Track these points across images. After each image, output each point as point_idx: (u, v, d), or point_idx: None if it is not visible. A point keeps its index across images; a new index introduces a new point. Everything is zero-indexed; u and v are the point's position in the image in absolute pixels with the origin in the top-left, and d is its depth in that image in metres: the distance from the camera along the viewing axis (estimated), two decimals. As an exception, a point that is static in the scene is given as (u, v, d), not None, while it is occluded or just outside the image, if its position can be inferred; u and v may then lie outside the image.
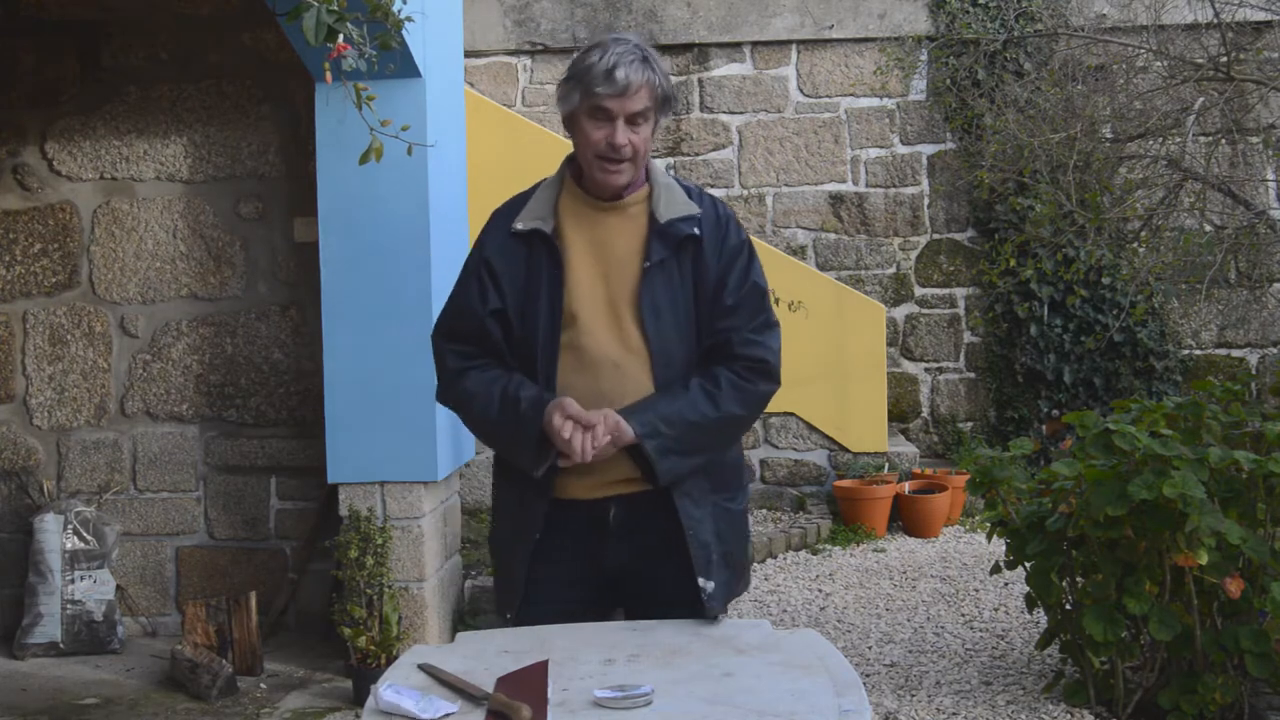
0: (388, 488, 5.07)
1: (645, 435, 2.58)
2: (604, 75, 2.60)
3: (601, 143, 2.64)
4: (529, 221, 2.72)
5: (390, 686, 2.20)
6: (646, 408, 2.62)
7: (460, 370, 2.75)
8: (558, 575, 2.76)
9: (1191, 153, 6.45)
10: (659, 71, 2.66)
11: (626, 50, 2.62)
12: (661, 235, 2.69)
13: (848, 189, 8.74)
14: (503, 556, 2.85)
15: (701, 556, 2.69)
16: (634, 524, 2.73)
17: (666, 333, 2.67)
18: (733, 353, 2.70)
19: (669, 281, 2.69)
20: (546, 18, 8.70)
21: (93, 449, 5.82)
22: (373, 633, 4.88)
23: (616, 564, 2.76)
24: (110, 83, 5.82)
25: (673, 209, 2.72)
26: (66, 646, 5.49)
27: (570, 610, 2.74)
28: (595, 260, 2.71)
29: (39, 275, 5.84)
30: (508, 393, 2.65)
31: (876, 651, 5.26)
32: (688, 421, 2.62)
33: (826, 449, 7.86)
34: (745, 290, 2.73)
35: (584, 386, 2.65)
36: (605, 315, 2.68)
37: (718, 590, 2.71)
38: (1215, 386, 4.80)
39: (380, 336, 4.98)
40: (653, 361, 2.67)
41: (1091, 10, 8.32)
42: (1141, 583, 4.07)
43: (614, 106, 2.62)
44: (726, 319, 2.71)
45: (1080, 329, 8.32)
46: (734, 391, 2.67)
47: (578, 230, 2.72)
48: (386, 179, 4.84)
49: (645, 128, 2.67)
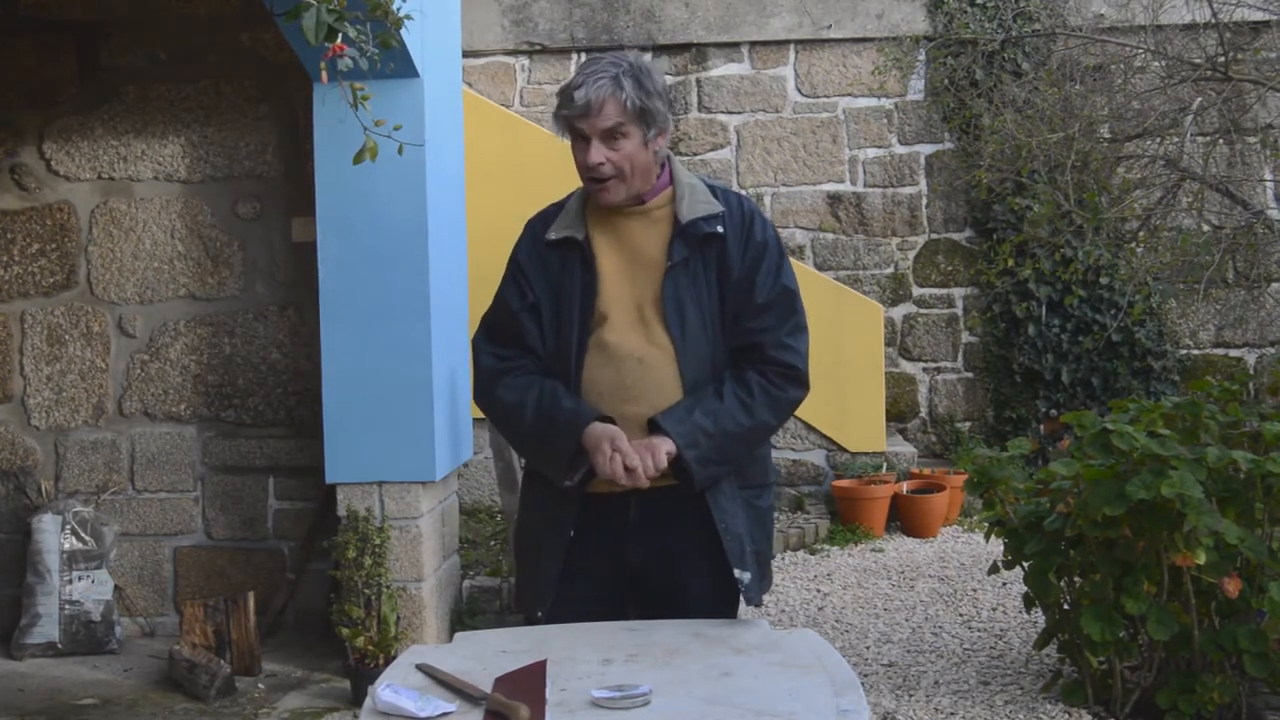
0: (386, 488, 5.07)
1: (685, 445, 2.64)
2: (568, 97, 2.69)
3: (582, 163, 2.73)
4: (561, 231, 2.81)
5: (388, 686, 2.20)
6: (684, 417, 2.66)
7: (494, 372, 2.82)
8: (584, 573, 2.78)
9: (1189, 153, 6.45)
10: (634, 87, 2.68)
11: (596, 70, 2.69)
12: (684, 235, 2.76)
13: (846, 189, 8.75)
14: (531, 553, 2.87)
15: (735, 548, 2.74)
16: (656, 521, 2.76)
17: (691, 329, 2.73)
18: (765, 356, 2.75)
19: (693, 280, 2.75)
20: (544, 18, 8.70)
21: (90, 449, 5.81)
22: (371, 633, 4.88)
23: (638, 562, 2.79)
24: (108, 82, 5.81)
25: (695, 208, 2.77)
26: (64, 647, 5.49)
27: (595, 609, 2.76)
28: (623, 263, 2.78)
29: (37, 275, 5.84)
30: (543, 404, 2.71)
31: (874, 651, 5.26)
32: (725, 432, 2.68)
33: (825, 449, 7.86)
34: (776, 291, 2.78)
35: (609, 380, 2.73)
36: (632, 314, 2.75)
37: (754, 581, 2.76)
38: (1213, 386, 4.80)
39: (378, 337, 4.98)
40: (678, 357, 2.72)
41: (1089, 10, 8.32)
42: (1139, 582, 4.07)
43: (584, 127, 2.69)
44: (757, 319, 2.76)
45: (1078, 329, 8.33)
46: (766, 399, 2.73)
47: (606, 236, 2.80)
48: (385, 179, 4.84)
49: (625, 143, 2.70)
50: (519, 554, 2.99)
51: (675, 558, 2.77)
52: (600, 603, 2.79)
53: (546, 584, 2.78)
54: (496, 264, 3.19)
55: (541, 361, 2.80)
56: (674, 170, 2.84)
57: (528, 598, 2.85)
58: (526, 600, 2.86)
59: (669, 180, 2.82)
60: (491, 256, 4.18)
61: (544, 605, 2.78)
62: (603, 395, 2.71)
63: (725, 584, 2.75)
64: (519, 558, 2.99)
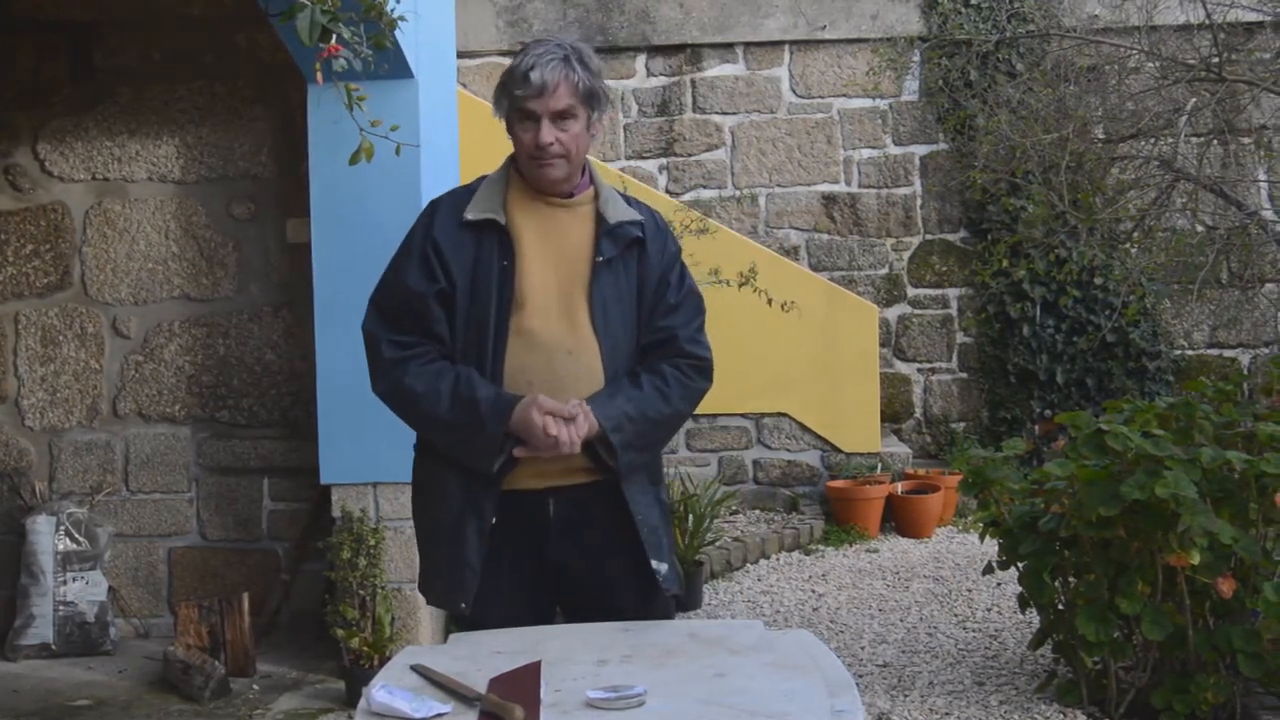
0: (380, 488, 5.06)
1: (612, 429, 2.69)
2: (522, 78, 2.71)
3: (530, 143, 2.75)
4: (480, 212, 2.80)
5: (383, 687, 2.20)
6: (608, 401, 2.71)
7: (397, 361, 2.79)
8: (505, 567, 2.77)
9: (1184, 153, 6.46)
10: (582, 69, 2.74)
11: (545, 51, 2.73)
12: (611, 235, 2.82)
13: (840, 189, 8.75)
14: (445, 540, 2.79)
15: (653, 540, 2.80)
16: (575, 519, 2.79)
17: (614, 325, 2.79)
18: (679, 349, 2.85)
19: (616, 279, 2.81)
20: (539, 18, 8.70)
21: (85, 450, 5.81)
22: (366, 634, 4.88)
23: (560, 561, 2.80)
24: (103, 83, 5.80)
25: (618, 213, 2.85)
26: (59, 648, 5.48)
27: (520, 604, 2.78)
28: (546, 251, 2.80)
29: (31, 276, 5.83)
30: (459, 392, 2.69)
31: (869, 652, 5.26)
32: (647, 417, 2.75)
33: (819, 449, 7.87)
34: (685, 293, 2.90)
35: (538, 369, 2.73)
36: (556, 304, 2.77)
37: (670, 572, 2.81)
38: (1207, 387, 4.81)
39: (373, 337, 4.96)
40: (602, 351, 2.77)
41: (1083, 11, 8.33)
42: (1134, 583, 4.08)
43: (536, 107, 2.72)
44: (669, 317, 2.86)
45: (1073, 329, 8.34)
46: (681, 389, 2.82)
47: (528, 221, 2.82)
48: (379, 180, 4.83)
49: (574, 124, 2.75)
50: (429, 544, 2.90)
51: (597, 553, 2.80)
52: (524, 603, 2.80)
53: (469, 574, 2.74)
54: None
55: (446, 348, 2.78)
56: (593, 172, 2.91)
57: (447, 587, 2.78)
58: (445, 590, 2.80)
59: (589, 181, 2.89)
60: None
61: (468, 597, 2.74)
62: (532, 384, 2.71)
63: (648, 579, 2.79)
64: (430, 548, 2.89)
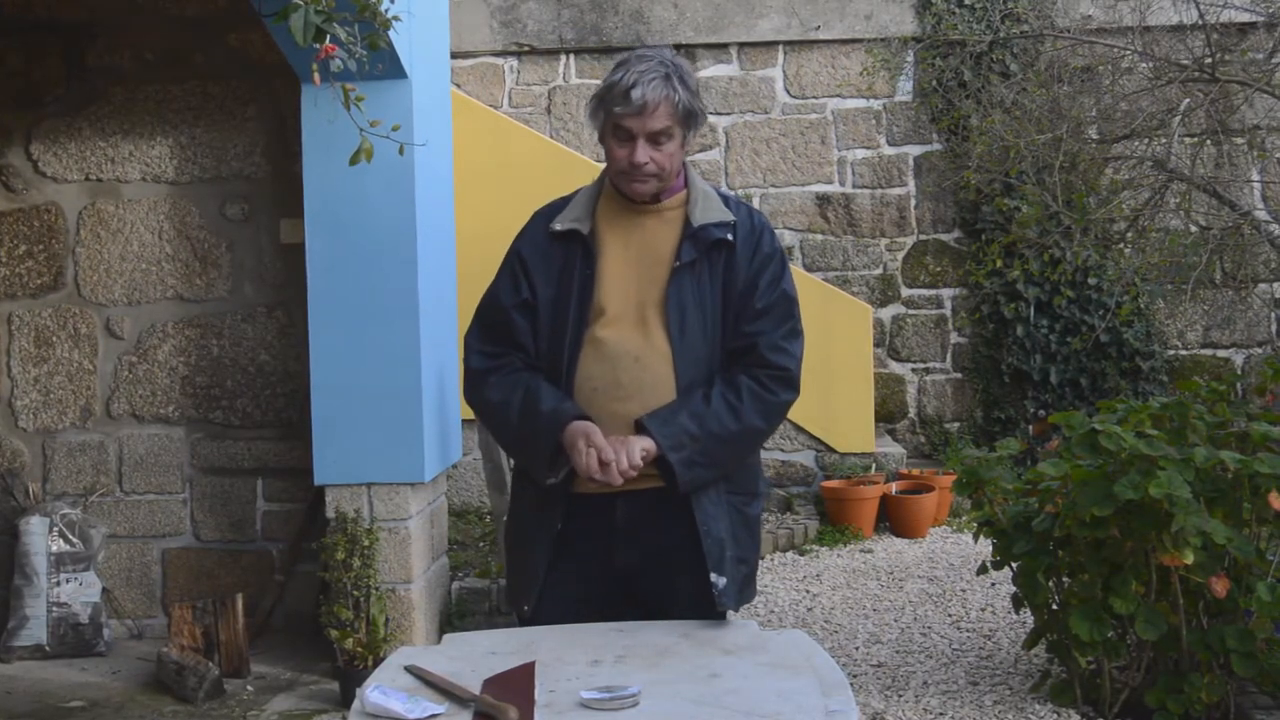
0: (374, 489, 5.06)
1: (670, 448, 2.62)
2: (622, 95, 2.65)
3: (624, 160, 2.70)
4: (567, 223, 2.79)
5: (377, 688, 2.19)
6: (669, 418, 2.65)
7: (483, 371, 2.81)
8: (573, 573, 2.78)
9: (1177, 154, 6.47)
10: (683, 88, 2.69)
11: (649, 68, 2.66)
12: (694, 238, 2.76)
13: (834, 190, 8.75)
14: (520, 549, 2.86)
15: (715, 551, 2.71)
16: (643, 523, 2.75)
17: (690, 331, 2.72)
18: (759, 358, 2.75)
19: (697, 282, 2.75)
20: (533, 19, 8.69)
21: (78, 451, 5.80)
22: (360, 634, 4.87)
23: (626, 564, 2.77)
24: (96, 83, 5.79)
25: (708, 214, 2.78)
26: (52, 649, 5.47)
27: (581, 608, 2.75)
28: (628, 259, 2.77)
29: (24, 277, 5.82)
30: (527, 402, 2.70)
31: (863, 652, 5.26)
32: (711, 434, 2.66)
33: (814, 449, 7.87)
34: (775, 296, 2.79)
35: (603, 377, 2.71)
36: (632, 311, 2.74)
37: (729, 587, 2.72)
38: (1201, 387, 4.81)
39: (367, 338, 4.97)
40: (674, 358, 2.71)
41: (1077, 11, 8.34)
42: (1128, 582, 4.08)
43: (633, 125, 2.67)
44: (755, 322, 2.76)
45: (1067, 329, 8.34)
46: (755, 403, 2.71)
47: (614, 231, 2.80)
48: (374, 180, 4.83)
49: (669, 145, 2.72)
50: (508, 549, 2.99)
51: (662, 560, 2.76)
52: (590, 603, 2.78)
53: (534, 577, 2.78)
54: (485, 265, 3.19)
55: (531, 358, 2.79)
56: (689, 174, 2.86)
57: (516, 591, 2.85)
58: (515, 594, 2.86)
59: (684, 183, 2.84)
60: (480, 257, 4.18)
61: (530, 599, 2.77)
62: (597, 391, 2.70)
63: (705, 591, 2.72)
64: (508, 553, 2.98)
